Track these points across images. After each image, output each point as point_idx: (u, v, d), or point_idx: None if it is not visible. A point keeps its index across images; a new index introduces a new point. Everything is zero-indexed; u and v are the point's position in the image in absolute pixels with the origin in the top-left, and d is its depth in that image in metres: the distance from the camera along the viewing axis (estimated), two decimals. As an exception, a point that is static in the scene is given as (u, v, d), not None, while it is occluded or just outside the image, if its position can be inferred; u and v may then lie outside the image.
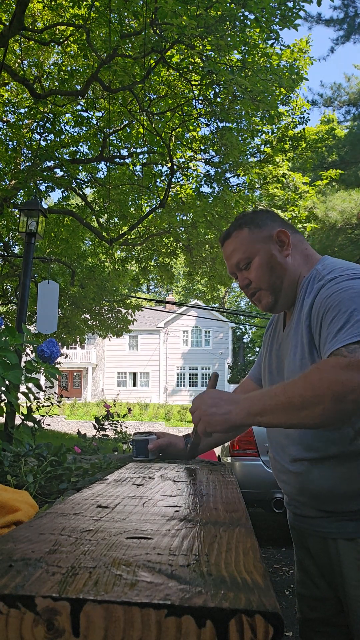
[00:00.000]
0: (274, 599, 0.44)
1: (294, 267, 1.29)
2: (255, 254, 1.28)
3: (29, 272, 6.25)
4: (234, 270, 1.34)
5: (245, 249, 1.29)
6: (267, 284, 1.29)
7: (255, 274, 1.29)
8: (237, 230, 1.32)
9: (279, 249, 1.29)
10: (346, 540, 1.17)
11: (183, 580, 0.48)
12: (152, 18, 7.07)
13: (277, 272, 1.28)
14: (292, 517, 1.34)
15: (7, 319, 12.77)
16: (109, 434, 5.79)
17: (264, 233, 1.30)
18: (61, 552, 0.56)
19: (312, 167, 14.88)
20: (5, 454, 1.50)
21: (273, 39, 7.50)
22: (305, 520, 1.28)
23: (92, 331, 14.08)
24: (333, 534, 1.20)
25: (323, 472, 1.19)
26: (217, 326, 33.35)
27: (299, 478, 1.23)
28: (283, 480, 1.30)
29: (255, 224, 1.31)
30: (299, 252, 1.32)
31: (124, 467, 1.41)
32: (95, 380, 33.37)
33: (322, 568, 1.26)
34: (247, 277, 1.31)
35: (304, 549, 1.31)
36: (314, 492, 1.21)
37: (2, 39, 6.93)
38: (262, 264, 1.28)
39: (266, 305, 1.31)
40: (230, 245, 1.32)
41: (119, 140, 11.09)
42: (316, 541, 1.26)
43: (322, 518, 1.22)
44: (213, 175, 10.52)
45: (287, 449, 1.27)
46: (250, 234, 1.30)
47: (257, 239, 1.30)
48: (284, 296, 1.30)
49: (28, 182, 8.97)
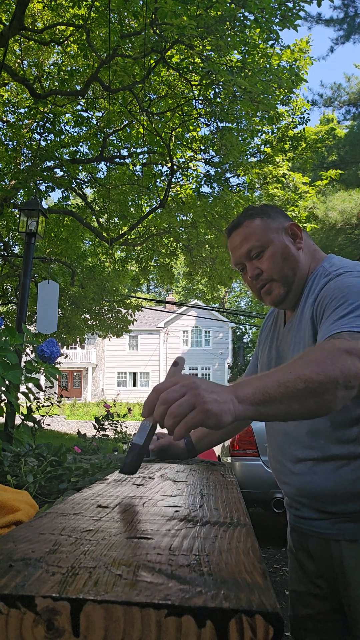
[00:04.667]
0: (274, 599, 0.44)
1: (304, 262, 1.27)
2: (269, 244, 1.25)
3: (29, 272, 6.25)
4: (242, 260, 1.28)
5: (259, 237, 1.25)
6: (279, 275, 1.24)
7: (267, 263, 1.24)
8: (249, 219, 1.28)
9: (291, 240, 1.27)
10: (349, 542, 1.16)
11: (183, 580, 0.48)
12: (152, 18, 7.07)
13: (291, 263, 1.25)
14: (293, 519, 1.32)
15: (7, 319, 12.76)
16: (109, 434, 5.80)
17: (276, 224, 1.27)
18: (61, 552, 0.56)
19: (312, 167, 14.87)
20: (5, 454, 1.50)
21: (273, 39, 7.50)
22: (306, 522, 1.26)
23: (92, 331, 14.08)
24: (336, 535, 1.18)
25: (326, 472, 1.17)
26: (217, 326, 33.36)
27: (302, 479, 1.21)
28: (284, 482, 1.29)
29: (267, 215, 1.28)
30: (306, 248, 1.30)
31: (124, 467, 1.41)
32: (95, 380, 33.37)
33: (323, 569, 1.24)
34: (258, 267, 1.26)
35: (304, 551, 1.29)
36: (316, 493, 1.19)
37: (2, 39, 6.93)
38: (276, 254, 1.24)
39: (277, 297, 1.26)
40: (240, 234, 1.27)
41: (119, 140, 11.08)
42: (318, 543, 1.24)
43: (324, 520, 1.20)
44: (213, 175, 10.52)
45: (288, 449, 1.25)
46: (262, 223, 1.27)
47: (270, 228, 1.26)
48: (294, 290, 1.26)
49: (28, 182, 8.96)
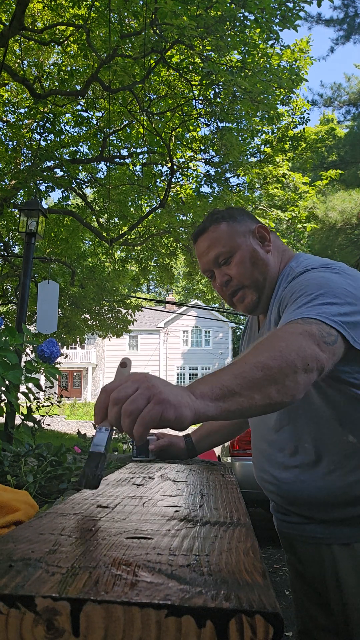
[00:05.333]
0: (274, 599, 0.44)
1: (274, 265, 1.23)
2: (237, 249, 1.20)
3: (29, 272, 6.25)
4: (210, 266, 1.23)
5: (225, 242, 1.20)
6: (250, 280, 1.20)
7: (236, 269, 1.20)
8: (214, 224, 1.23)
9: (259, 244, 1.23)
10: (342, 546, 1.10)
11: (183, 580, 0.48)
12: (152, 18, 7.07)
13: (260, 267, 1.20)
14: (280, 524, 1.25)
15: (7, 319, 12.76)
16: (109, 434, 5.77)
17: (242, 227, 1.23)
18: (61, 552, 0.56)
19: (312, 167, 14.88)
20: (5, 454, 1.50)
21: (273, 39, 7.50)
22: (294, 526, 1.19)
23: (92, 331, 14.07)
24: (328, 539, 1.11)
25: (315, 479, 1.11)
26: (217, 326, 33.35)
27: (290, 487, 1.15)
28: (272, 492, 1.23)
29: (233, 218, 1.24)
30: (276, 249, 1.26)
31: (124, 467, 1.41)
32: (95, 380, 33.36)
33: (314, 575, 1.16)
34: (227, 273, 1.21)
35: (294, 555, 1.22)
36: (306, 502, 1.14)
37: (2, 39, 6.93)
38: (244, 259, 1.19)
39: (249, 304, 1.22)
40: (206, 240, 1.22)
41: (119, 140, 11.08)
42: (307, 548, 1.16)
43: (313, 524, 1.14)
44: (213, 175, 10.52)
45: (272, 457, 1.20)
46: (229, 227, 1.22)
47: (237, 232, 1.22)
48: (266, 294, 1.22)
49: (28, 182, 8.96)
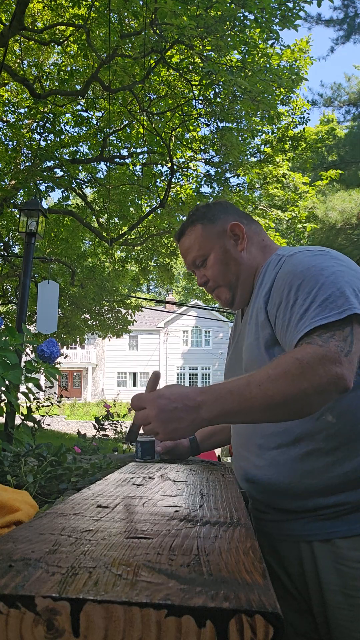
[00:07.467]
0: (274, 599, 0.44)
1: (250, 261, 1.27)
2: (210, 251, 1.26)
3: (29, 272, 6.25)
4: (191, 268, 1.32)
5: (200, 246, 1.27)
6: (224, 281, 1.27)
7: (211, 271, 1.27)
8: (191, 227, 1.29)
9: (233, 243, 1.27)
10: (322, 542, 1.07)
11: (183, 580, 0.48)
12: (152, 18, 7.07)
13: (232, 267, 1.26)
14: (258, 524, 1.21)
15: (7, 319, 12.76)
16: (109, 434, 5.79)
17: (217, 228, 1.27)
18: (61, 552, 0.56)
19: (312, 167, 14.87)
20: (5, 454, 1.50)
21: (273, 39, 7.50)
22: (273, 525, 1.16)
23: (92, 331, 14.07)
24: (307, 536, 1.09)
25: (292, 462, 1.11)
26: (217, 326, 33.34)
27: (266, 472, 1.15)
28: (249, 480, 1.21)
29: (208, 219, 1.28)
30: (255, 244, 1.29)
31: (124, 467, 1.41)
32: (95, 380, 33.36)
33: (295, 576, 1.13)
34: (204, 275, 1.29)
35: (274, 558, 1.17)
36: (282, 488, 1.12)
37: (2, 39, 6.93)
38: (218, 261, 1.26)
39: (225, 301, 1.29)
40: (185, 242, 1.30)
41: (119, 140, 11.08)
42: (287, 546, 1.14)
43: (293, 520, 1.12)
44: (213, 175, 10.51)
45: (250, 440, 1.20)
46: (203, 229, 1.28)
47: (211, 234, 1.27)
48: (241, 291, 1.27)
49: (28, 182, 8.97)
